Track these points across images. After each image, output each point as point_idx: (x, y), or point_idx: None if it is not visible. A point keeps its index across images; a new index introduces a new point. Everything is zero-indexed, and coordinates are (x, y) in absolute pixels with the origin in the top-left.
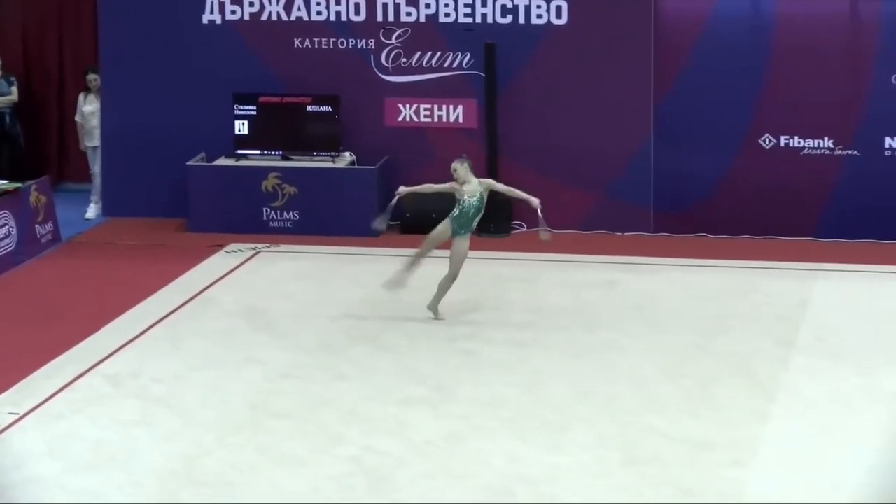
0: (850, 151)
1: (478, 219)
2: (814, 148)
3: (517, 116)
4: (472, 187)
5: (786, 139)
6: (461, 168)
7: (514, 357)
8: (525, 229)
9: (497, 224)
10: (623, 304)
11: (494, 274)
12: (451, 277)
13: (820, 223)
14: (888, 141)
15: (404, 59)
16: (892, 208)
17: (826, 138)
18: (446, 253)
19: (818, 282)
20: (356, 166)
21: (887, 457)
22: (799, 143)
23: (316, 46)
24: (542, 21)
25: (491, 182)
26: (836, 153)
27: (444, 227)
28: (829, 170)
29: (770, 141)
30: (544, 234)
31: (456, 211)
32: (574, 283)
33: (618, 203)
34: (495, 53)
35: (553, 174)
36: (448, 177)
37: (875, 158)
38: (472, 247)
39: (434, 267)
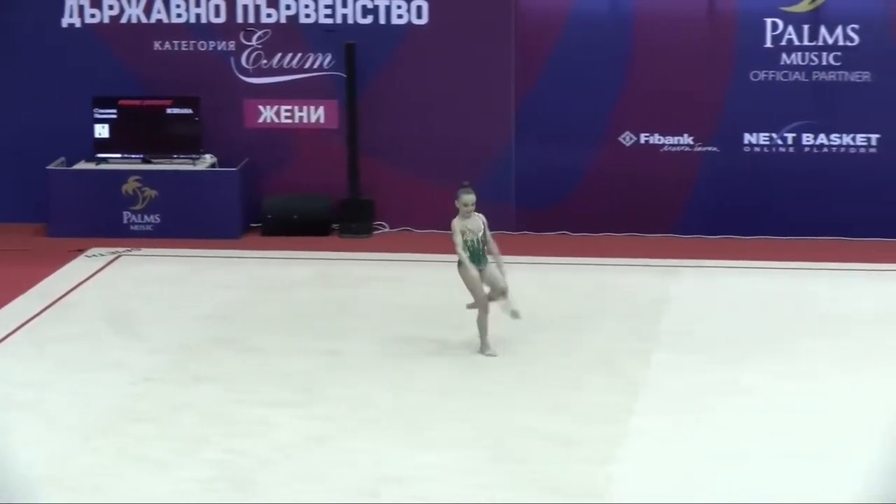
0: (709, 148)
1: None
2: (674, 145)
3: (379, 116)
4: (475, 223)
5: (646, 136)
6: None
7: (379, 357)
8: (388, 230)
9: (359, 224)
10: None
11: (358, 274)
12: (483, 308)
13: (680, 220)
14: (747, 137)
15: (265, 61)
16: (751, 204)
17: (686, 135)
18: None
19: (678, 278)
20: (217, 168)
21: (747, 446)
22: (659, 140)
23: (176, 49)
24: (403, 21)
25: (484, 219)
26: (695, 150)
27: (469, 273)
28: (689, 167)
29: (630, 138)
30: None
31: (466, 253)
32: (438, 282)
33: (480, 201)
34: (356, 54)
35: (415, 173)
36: (306, 177)
37: (734, 155)
38: (334, 247)
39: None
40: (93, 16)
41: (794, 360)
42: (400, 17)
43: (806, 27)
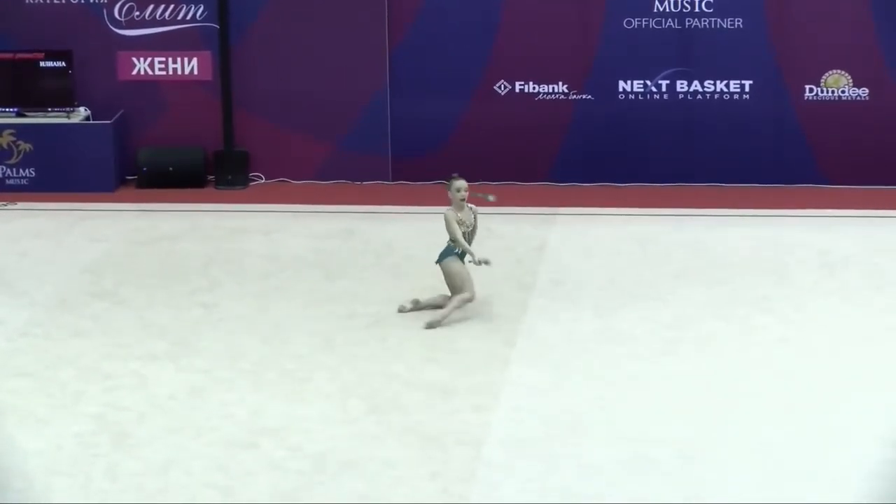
0: (584, 96)
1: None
2: (548, 93)
3: (252, 68)
4: (467, 215)
5: (520, 85)
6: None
7: (254, 309)
8: (263, 181)
9: (234, 175)
10: (363, 253)
11: (233, 226)
12: (465, 300)
13: (555, 167)
14: (622, 84)
15: (137, 13)
16: (626, 151)
17: (560, 83)
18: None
19: (554, 226)
20: (91, 121)
21: (629, 394)
22: (533, 88)
23: (47, 2)
24: None
25: (477, 211)
26: (570, 98)
27: (456, 265)
28: (564, 114)
29: (505, 87)
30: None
31: (457, 246)
32: (313, 233)
33: (355, 152)
34: (228, 5)
35: (289, 124)
36: (181, 129)
37: (609, 102)
38: (210, 198)
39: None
40: None
41: (670, 307)
42: None
43: None
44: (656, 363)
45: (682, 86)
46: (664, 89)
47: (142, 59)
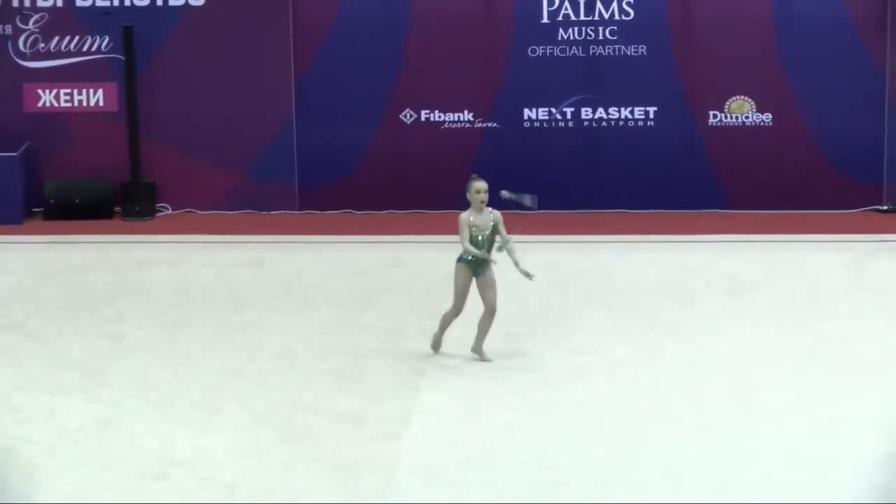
0: (489, 124)
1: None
2: (454, 122)
3: (158, 98)
4: (484, 219)
5: (426, 113)
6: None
7: (163, 339)
8: (170, 211)
9: (141, 206)
10: (271, 282)
11: (141, 257)
12: (490, 313)
13: (462, 195)
14: (527, 112)
15: (42, 45)
16: (532, 178)
17: (466, 111)
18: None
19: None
20: None
21: (540, 420)
22: (439, 116)
23: None
24: (180, 3)
25: (499, 214)
26: (476, 126)
27: (463, 276)
28: (470, 142)
29: (411, 115)
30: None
31: (467, 254)
32: (221, 263)
33: (262, 182)
34: (134, 36)
35: (196, 154)
36: (87, 160)
37: (514, 130)
38: (117, 230)
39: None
40: None
41: (579, 333)
42: None
43: (582, 2)
44: (566, 389)
45: (587, 113)
46: (569, 116)
47: (47, 91)
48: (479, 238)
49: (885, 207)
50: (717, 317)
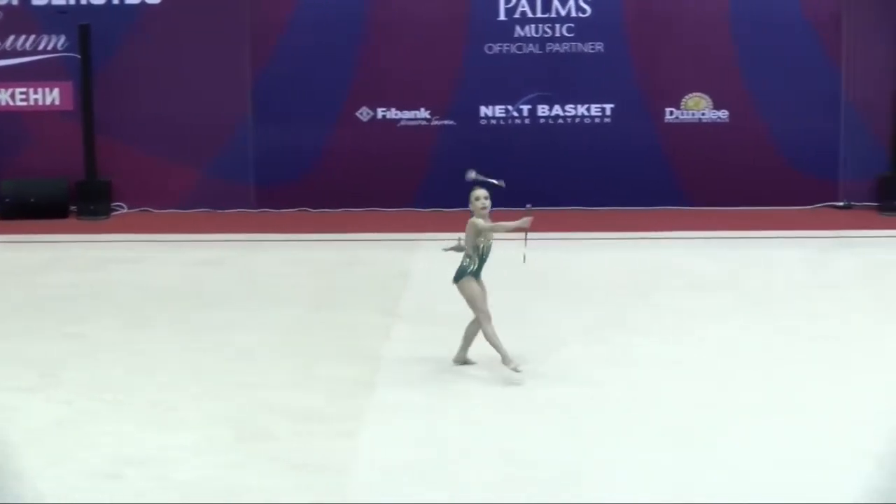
0: (446, 122)
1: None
2: (411, 119)
3: (114, 97)
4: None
5: (382, 111)
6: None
7: (121, 338)
8: (126, 210)
9: (97, 205)
10: (231, 281)
11: (98, 256)
12: (486, 318)
13: (419, 193)
14: (483, 110)
15: None
16: (488, 176)
17: (422, 109)
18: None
19: (418, 252)
20: None
21: (497, 416)
22: (396, 114)
23: None
24: (137, 1)
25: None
26: (432, 124)
27: (471, 287)
28: (427, 140)
29: (367, 114)
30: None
31: (473, 264)
32: (179, 261)
33: (218, 180)
34: (90, 35)
35: (152, 153)
36: (43, 159)
37: (471, 128)
38: (73, 229)
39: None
40: None
41: (536, 330)
42: None
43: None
44: (524, 386)
45: (543, 110)
46: (526, 114)
47: (3, 90)
48: (482, 246)
49: (841, 204)
50: (679, 313)
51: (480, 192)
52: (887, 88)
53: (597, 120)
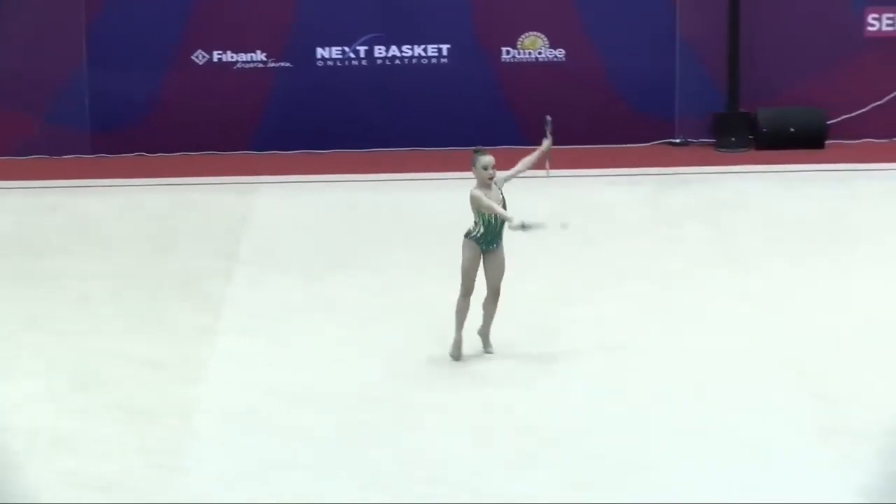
0: (282, 64)
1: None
2: (247, 62)
3: None
4: (496, 195)
5: (218, 54)
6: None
7: None
8: None
9: None
10: (67, 228)
11: None
12: (494, 295)
13: (255, 136)
14: (320, 52)
15: None
16: (324, 118)
17: (259, 52)
18: None
19: (258, 195)
20: None
21: (338, 362)
22: (232, 57)
23: None
24: None
25: (503, 175)
26: (269, 66)
27: (470, 252)
28: (263, 83)
29: (203, 57)
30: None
31: (479, 230)
32: (14, 209)
33: (54, 126)
34: None
35: None
36: None
37: (308, 70)
38: None
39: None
40: None
41: (379, 273)
42: None
43: None
44: (365, 329)
45: (380, 51)
46: (363, 55)
47: None
48: (492, 219)
49: (677, 141)
50: (520, 254)
51: (488, 160)
52: (722, 26)
53: (434, 60)
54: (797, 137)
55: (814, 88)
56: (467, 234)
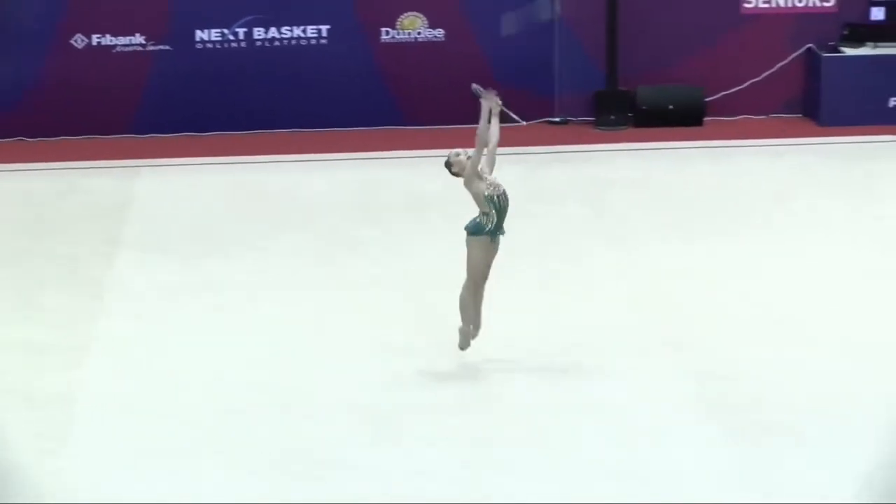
0: (162, 47)
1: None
2: (126, 45)
3: None
4: (492, 178)
5: (98, 38)
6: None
7: None
8: None
9: None
10: None
11: None
12: (471, 286)
13: (136, 120)
14: (199, 34)
15: None
16: (204, 101)
17: (138, 35)
18: None
19: (139, 178)
20: None
21: (221, 346)
22: (111, 41)
23: None
24: None
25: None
26: (148, 49)
27: (482, 255)
28: (143, 66)
29: (82, 40)
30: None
31: (491, 219)
32: None
33: None
34: None
35: None
36: None
37: (187, 53)
38: None
39: None
40: None
41: (264, 255)
42: None
43: None
44: (248, 312)
45: (259, 33)
46: (242, 37)
47: None
48: (498, 197)
49: (557, 119)
50: (399, 234)
51: (455, 151)
52: (600, 4)
53: (313, 42)
54: (676, 115)
55: (692, 66)
56: (476, 231)
